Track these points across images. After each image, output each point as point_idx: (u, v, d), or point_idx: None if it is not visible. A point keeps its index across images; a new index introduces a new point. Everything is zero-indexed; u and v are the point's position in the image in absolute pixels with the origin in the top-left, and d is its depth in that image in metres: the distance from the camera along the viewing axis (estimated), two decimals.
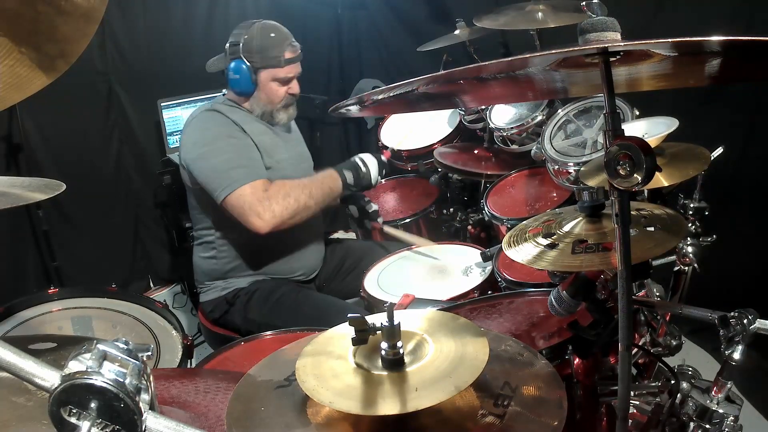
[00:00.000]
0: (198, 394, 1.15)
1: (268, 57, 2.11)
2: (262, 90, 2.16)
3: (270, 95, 2.17)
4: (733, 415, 1.14)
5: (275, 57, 2.11)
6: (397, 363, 0.86)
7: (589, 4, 1.69)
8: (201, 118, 2.15)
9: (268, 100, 2.18)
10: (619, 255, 0.86)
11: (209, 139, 2.07)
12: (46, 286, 3.03)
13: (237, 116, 2.15)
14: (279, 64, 2.12)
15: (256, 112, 2.20)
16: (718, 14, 2.29)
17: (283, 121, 2.24)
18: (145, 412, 0.64)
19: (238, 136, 2.10)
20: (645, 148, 0.79)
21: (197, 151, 2.07)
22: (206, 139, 2.08)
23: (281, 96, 2.18)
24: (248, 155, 2.09)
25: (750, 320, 1.10)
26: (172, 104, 3.34)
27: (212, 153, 2.04)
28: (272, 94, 2.17)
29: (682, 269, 1.72)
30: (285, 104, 2.21)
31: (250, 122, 2.17)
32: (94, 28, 0.75)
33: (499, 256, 1.92)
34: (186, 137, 2.14)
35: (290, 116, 2.27)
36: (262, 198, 1.98)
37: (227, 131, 2.09)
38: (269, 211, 1.98)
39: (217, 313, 2.22)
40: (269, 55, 2.11)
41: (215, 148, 2.05)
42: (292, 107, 2.25)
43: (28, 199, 1.09)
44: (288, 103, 2.22)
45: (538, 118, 2.27)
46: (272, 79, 2.14)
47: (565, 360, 1.29)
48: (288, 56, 2.13)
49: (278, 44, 2.12)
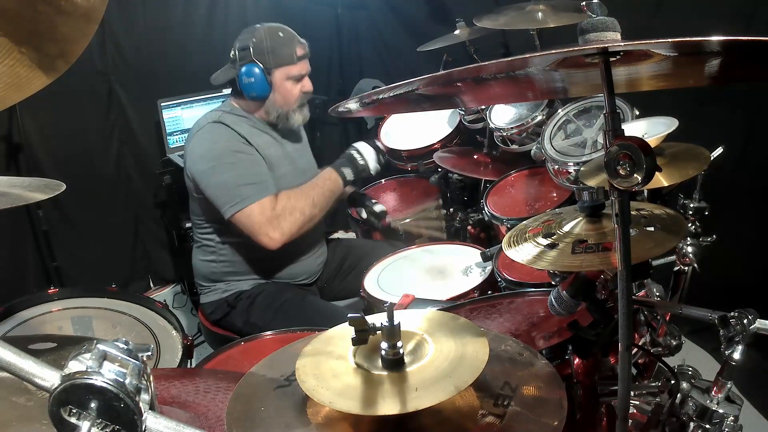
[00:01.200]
0: (198, 394, 1.15)
1: (280, 56, 2.10)
2: (278, 91, 2.14)
3: (285, 96, 2.16)
4: (733, 415, 1.14)
5: (288, 55, 2.11)
6: (397, 363, 0.86)
7: (589, 4, 1.68)
8: (208, 130, 2.11)
9: (283, 101, 2.17)
10: (619, 255, 0.86)
11: (217, 153, 2.06)
12: (46, 286, 3.04)
13: (243, 129, 2.13)
14: (292, 61, 2.12)
15: (272, 116, 2.18)
16: (719, 14, 2.29)
17: (299, 122, 2.24)
18: (145, 412, 0.64)
19: (246, 151, 2.09)
20: (645, 148, 0.79)
21: (205, 165, 2.06)
22: (214, 153, 2.07)
23: (296, 95, 2.17)
24: (256, 171, 2.08)
25: (750, 320, 1.10)
26: (172, 104, 3.34)
27: (220, 168, 2.04)
28: (287, 94, 2.16)
29: (682, 269, 1.72)
30: (300, 104, 2.20)
31: (256, 135, 2.16)
32: (94, 28, 0.75)
33: (499, 256, 1.92)
34: (192, 148, 2.12)
35: (305, 117, 2.26)
36: (271, 217, 2.00)
37: (235, 146, 2.08)
38: (278, 229, 2.01)
39: (217, 314, 2.22)
40: (281, 53, 2.11)
41: (223, 163, 2.04)
42: (306, 108, 2.25)
43: (28, 199, 1.09)
44: (302, 103, 2.22)
45: (538, 118, 2.27)
46: (287, 77, 2.13)
47: (565, 360, 1.29)
48: (300, 53, 2.14)
49: (288, 42, 2.12)
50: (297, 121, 2.23)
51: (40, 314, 1.81)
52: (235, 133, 2.10)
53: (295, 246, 2.23)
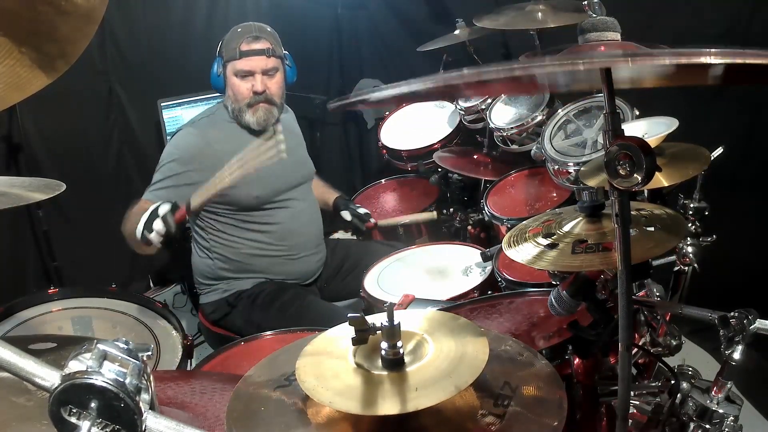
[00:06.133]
0: (195, 395, 1.15)
1: (228, 49, 2.11)
2: (228, 85, 2.15)
3: (234, 91, 2.14)
4: (733, 415, 1.14)
5: (233, 48, 2.09)
6: (397, 363, 0.86)
7: (590, 3, 1.69)
8: (178, 133, 2.20)
9: (234, 98, 2.15)
10: (619, 255, 0.86)
11: (164, 156, 2.16)
12: (46, 286, 3.03)
13: (215, 132, 2.15)
14: (235, 56, 2.09)
15: (229, 111, 2.18)
16: (719, 14, 2.29)
17: (252, 124, 2.15)
18: (145, 412, 0.64)
19: (183, 162, 2.09)
20: (645, 148, 0.79)
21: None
22: (164, 155, 2.16)
23: (244, 93, 2.12)
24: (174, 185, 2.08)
25: (750, 320, 1.10)
26: (172, 104, 3.34)
27: (159, 168, 2.14)
28: (235, 90, 2.13)
29: (682, 269, 1.72)
30: (249, 103, 2.13)
31: (229, 139, 2.13)
32: (94, 28, 0.75)
33: (499, 256, 1.92)
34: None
35: (259, 120, 2.15)
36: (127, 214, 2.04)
37: (179, 154, 2.11)
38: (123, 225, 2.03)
39: (217, 314, 2.22)
40: (229, 47, 2.11)
41: (161, 165, 2.13)
42: (261, 110, 2.14)
43: (28, 199, 1.09)
44: (252, 103, 2.13)
45: (538, 118, 2.27)
46: (233, 72, 2.12)
47: (565, 360, 1.29)
48: (244, 48, 2.08)
49: (238, 36, 2.10)
50: (249, 123, 2.15)
51: (40, 314, 1.81)
52: (199, 139, 2.13)
53: (292, 245, 2.24)
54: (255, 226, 2.20)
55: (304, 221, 2.30)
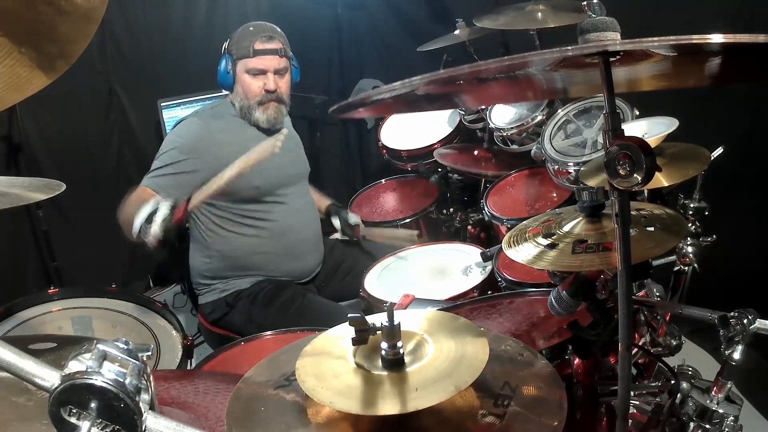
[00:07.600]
0: (197, 395, 1.15)
1: (240, 47, 2.14)
2: (238, 83, 2.18)
3: (245, 88, 2.17)
4: (733, 415, 1.14)
5: (246, 47, 2.13)
6: (397, 363, 0.86)
7: (590, 3, 1.69)
8: (181, 123, 2.22)
9: (244, 95, 2.18)
10: (619, 255, 0.86)
11: (165, 144, 2.17)
12: (46, 286, 3.03)
13: (219, 124, 2.17)
14: (248, 54, 2.13)
15: (236, 108, 2.21)
16: (719, 13, 2.29)
17: (262, 122, 2.19)
18: (145, 412, 0.64)
19: (184, 150, 2.10)
20: (645, 148, 0.79)
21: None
22: (164, 143, 2.18)
23: (255, 91, 2.16)
24: (174, 172, 2.08)
25: (750, 320, 1.10)
26: (172, 104, 3.34)
27: (159, 156, 2.15)
28: (246, 88, 2.16)
29: (682, 269, 1.72)
30: (260, 101, 2.17)
31: (232, 130, 2.18)
32: (94, 28, 0.75)
33: (499, 256, 1.92)
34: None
35: (269, 118, 2.19)
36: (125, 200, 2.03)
37: (180, 142, 2.13)
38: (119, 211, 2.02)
39: (217, 314, 2.22)
40: (241, 45, 2.14)
41: (162, 153, 2.15)
42: (272, 108, 2.18)
43: (28, 199, 1.09)
44: (264, 101, 2.17)
45: (538, 118, 2.27)
46: (245, 70, 2.15)
47: (565, 360, 1.29)
48: (258, 47, 2.12)
49: (251, 35, 2.13)
50: (260, 121, 2.19)
51: (40, 314, 1.81)
52: (202, 129, 2.15)
53: (290, 242, 2.24)
54: (253, 221, 2.21)
55: (301, 219, 2.31)
